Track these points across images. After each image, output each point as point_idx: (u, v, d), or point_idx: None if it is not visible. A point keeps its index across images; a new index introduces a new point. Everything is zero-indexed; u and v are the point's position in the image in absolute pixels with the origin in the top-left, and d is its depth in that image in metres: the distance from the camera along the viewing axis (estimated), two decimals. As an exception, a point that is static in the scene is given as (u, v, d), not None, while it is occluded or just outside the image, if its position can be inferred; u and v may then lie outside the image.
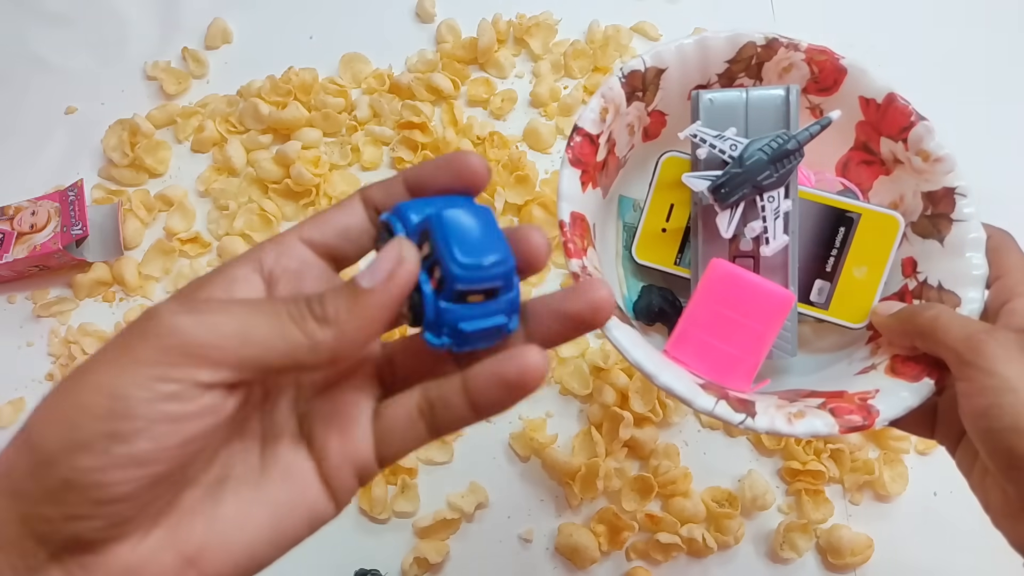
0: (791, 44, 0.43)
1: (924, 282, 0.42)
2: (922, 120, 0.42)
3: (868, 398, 0.37)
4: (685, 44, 0.42)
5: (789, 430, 0.36)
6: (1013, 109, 0.76)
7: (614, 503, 0.61)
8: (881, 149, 0.44)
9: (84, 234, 0.69)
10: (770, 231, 0.40)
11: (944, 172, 0.42)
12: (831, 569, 0.59)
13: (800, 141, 0.39)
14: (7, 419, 0.66)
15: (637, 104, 0.43)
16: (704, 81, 0.44)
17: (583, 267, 0.37)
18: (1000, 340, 0.33)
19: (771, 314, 0.39)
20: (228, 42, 0.82)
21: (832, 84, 0.44)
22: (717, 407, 0.36)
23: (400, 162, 0.74)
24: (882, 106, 0.43)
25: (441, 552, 0.60)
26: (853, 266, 0.43)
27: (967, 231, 0.40)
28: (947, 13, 0.81)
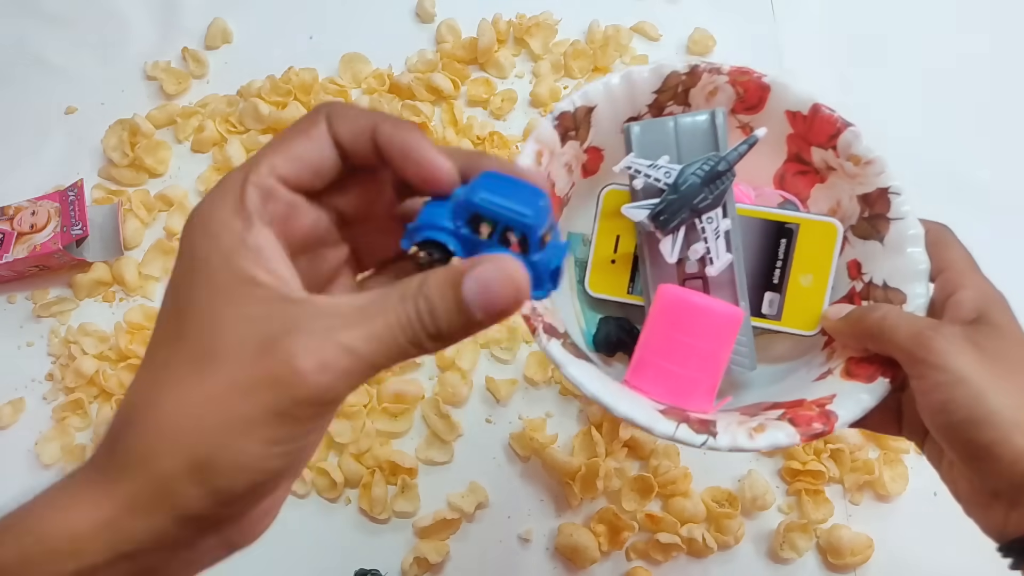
0: (713, 69, 0.43)
1: (870, 282, 0.42)
2: (849, 126, 0.43)
3: (826, 403, 0.38)
4: (611, 81, 0.43)
5: (752, 445, 0.36)
6: (1014, 106, 0.76)
7: (614, 503, 0.61)
8: (813, 158, 0.45)
9: (84, 234, 0.69)
10: (713, 251, 0.41)
11: (876, 174, 0.42)
12: (831, 569, 0.59)
13: (730, 161, 0.41)
14: (7, 419, 0.66)
15: (572, 143, 0.44)
16: (635, 113, 0.45)
17: (532, 307, 0.38)
18: (946, 335, 0.34)
19: (723, 333, 0.39)
20: (228, 42, 0.82)
21: (757, 102, 0.44)
22: (678, 431, 0.36)
23: (400, 162, 0.73)
24: (808, 117, 0.43)
25: (441, 552, 0.60)
26: (799, 275, 0.44)
27: (905, 228, 0.41)
28: (947, 13, 0.81)
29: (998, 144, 0.74)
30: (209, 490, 0.22)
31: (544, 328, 0.37)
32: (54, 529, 0.21)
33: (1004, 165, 0.74)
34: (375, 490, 0.61)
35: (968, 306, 0.36)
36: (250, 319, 0.22)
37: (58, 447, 0.65)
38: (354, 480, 0.62)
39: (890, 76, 0.78)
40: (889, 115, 0.76)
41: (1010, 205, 0.72)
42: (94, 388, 0.66)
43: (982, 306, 0.36)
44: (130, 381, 0.23)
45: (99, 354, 0.67)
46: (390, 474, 0.62)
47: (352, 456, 0.63)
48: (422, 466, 0.63)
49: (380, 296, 0.23)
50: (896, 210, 0.41)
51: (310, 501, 0.63)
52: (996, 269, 0.68)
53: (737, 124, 0.45)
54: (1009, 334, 0.35)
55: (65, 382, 0.67)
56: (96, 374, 0.65)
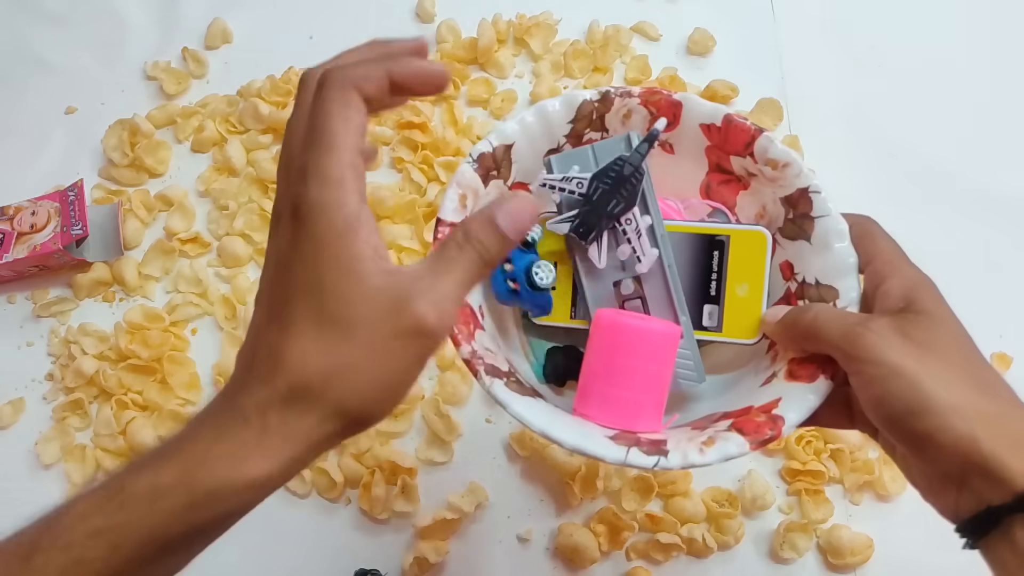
0: (624, 92, 0.44)
1: (803, 282, 0.43)
2: (762, 132, 0.43)
3: (773, 408, 0.38)
4: (525, 118, 0.44)
5: (703, 460, 0.37)
6: (1013, 107, 0.76)
7: (614, 503, 0.61)
8: (733, 167, 0.45)
9: (84, 234, 0.69)
10: (638, 250, 0.42)
11: (794, 175, 0.43)
12: (831, 569, 0.59)
13: (634, 163, 0.41)
14: (7, 419, 0.66)
15: (495, 182, 0.44)
16: (554, 145, 0.45)
17: (473, 351, 0.39)
18: (876, 328, 0.34)
19: (663, 351, 0.40)
20: (228, 42, 0.82)
21: (673, 119, 0.45)
22: (629, 456, 0.36)
23: (400, 162, 0.74)
24: (722, 128, 0.44)
25: (441, 552, 0.60)
26: (735, 285, 0.44)
27: (830, 225, 0.41)
28: (947, 12, 0.81)
29: (998, 144, 0.74)
30: (386, 410, 0.30)
31: (486, 370, 0.38)
32: (238, 477, 0.28)
33: (1004, 165, 0.73)
34: (375, 490, 0.61)
35: (896, 295, 0.36)
36: (375, 292, 0.29)
37: (58, 447, 0.65)
38: (354, 480, 0.62)
39: (890, 76, 0.78)
40: (889, 115, 0.76)
41: (1010, 205, 0.72)
42: (94, 388, 0.66)
43: (909, 293, 0.36)
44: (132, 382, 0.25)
45: (99, 354, 0.67)
46: (390, 474, 0.62)
47: (352, 456, 0.63)
48: (422, 466, 0.63)
49: (439, 255, 0.30)
50: (818, 208, 0.42)
51: (310, 501, 0.63)
52: (996, 268, 0.69)
53: (658, 142, 0.46)
54: (938, 319, 0.35)
55: (65, 382, 0.67)
56: (96, 374, 0.65)
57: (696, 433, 0.39)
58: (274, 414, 0.28)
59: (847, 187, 0.72)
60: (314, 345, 0.28)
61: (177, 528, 0.27)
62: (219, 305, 0.69)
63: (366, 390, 0.29)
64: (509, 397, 0.38)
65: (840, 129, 0.75)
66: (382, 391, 0.29)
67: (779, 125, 0.75)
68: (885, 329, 0.34)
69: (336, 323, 0.28)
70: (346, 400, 0.29)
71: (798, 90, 0.77)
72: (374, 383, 0.29)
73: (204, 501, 0.27)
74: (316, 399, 0.28)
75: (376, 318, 0.28)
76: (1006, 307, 0.68)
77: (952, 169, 0.73)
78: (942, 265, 0.68)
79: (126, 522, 0.27)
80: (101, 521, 0.27)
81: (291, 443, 0.28)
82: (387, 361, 0.29)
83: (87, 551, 0.27)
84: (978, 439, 0.31)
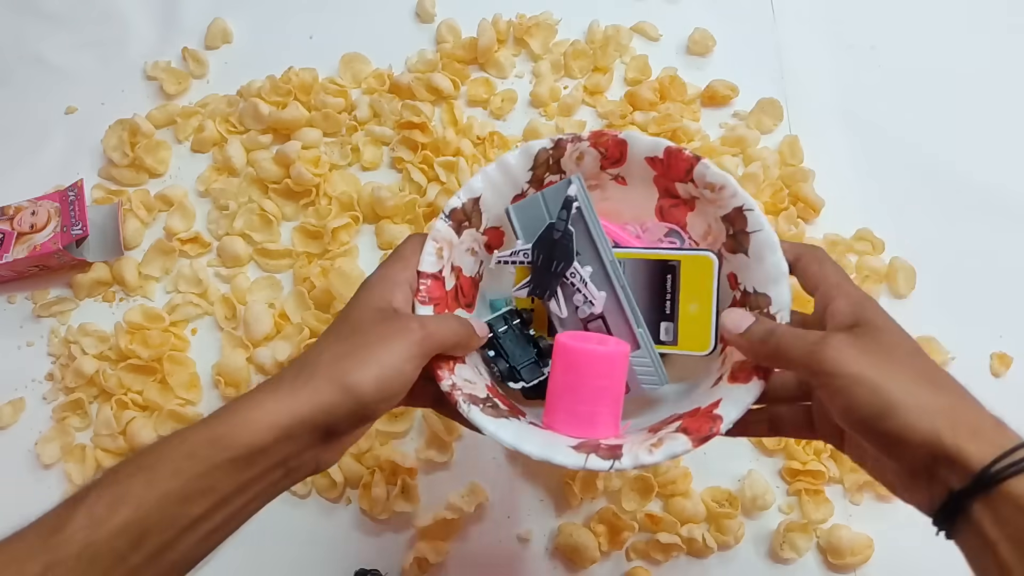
0: (575, 138, 0.49)
1: (744, 290, 0.47)
2: (700, 160, 0.47)
3: (714, 408, 0.43)
4: (488, 171, 0.49)
5: (652, 460, 0.41)
6: (1013, 107, 0.76)
7: (614, 503, 0.61)
8: (679, 191, 0.50)
9: (84, 234, 0.69)
10: (588, 295, 0.48)
11: (730, 196, 0.47)
12: (831, 569, 0.59)
13: (560, 228, 0.48)
14: (7, 419, 0.66)
15: (469, 231, 0.49)
16: (519, 191, 0.50)
17: (453, 384, 0.44)
18: (833, 344, 0.37)
19: (614, 369, 0.45)
20: (228, 42, 0.82)
21: (620, 156, 0.49)
22: (588, 461, 0.41)
23: (400, 162, 0.74)
24: (664, 159, 0.48)
25: (441, 552, 0.60)
26: (687, 304, 0.49)
27: (763, 239, 0.45)
28: (947, 12, 0.81)
29: (998, 144, 0.74)
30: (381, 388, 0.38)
31: (464, 399, 0.43)
32: (269, 416, 0.36)
33: (1004, 165, 0.74)
34: (375, 490, 0.61)
35: (844, 311, 0.39)
36: (375, 311, 0.42)
37: (58, 447, 0.65)
38: (354, 480, 0.62)
39: (890, 76, 0.78)
40: (889, 115, 0.76)
41: (1010, 205, 0.72)
42: (94, 388, 0.67)
43: (856, 311, 0.39)
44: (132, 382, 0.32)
45: (99, 354, 0.67)
46: (390, 474, 0.62)
47: (352, 456, 0.63)
48: (422, 466, 0.63)
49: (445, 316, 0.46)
50: (752, 224, 0.46)
51: (310, 501, 0.63)
52: (996, 268, 0.69)
53: (609, 177, 0.51)
54: (886, 329, 0.38)
55: (65, 382, 0.67)
56: (96, 374, 0.65)
57: (650, 436, 0.43)
58: (288, 379, 0.38)
59: (847, 186, 0.72)
60: (329, 344, 0.40)
61: (207, 465, 0.35)
62: (219, 305, 0.69)
63: (363, 367, 0.38)
64: (484, 420, 0.43)
65: (840, 129, 0.75)
66: (386, 368, 0.39)
67: (779, 125, 0.75)
68: (842, 344, 0.37)
69: (346, 330, 0.41)
70: (347, 374, 0.38)
71: (798, 90, 0.77)
72: (369, 363, 0.38)
73: (224, 440, 0.35)
74: (324, 372, 0.38)
75: (373, 323, 0.41)
76: (1006, 307, 0.68)
77: (952, 168, 0.73)
78: (942, 264, 0.69)
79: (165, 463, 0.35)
80: None
81: (297, 400, 0.37)
82: (387, 349, 0.39)
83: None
84: (940, 431, 0.33)
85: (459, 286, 0.50)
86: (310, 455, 0.38)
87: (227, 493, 0.35)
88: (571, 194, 0.48)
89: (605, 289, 0.49)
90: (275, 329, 0.68)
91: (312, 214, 0.72)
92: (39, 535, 0.33)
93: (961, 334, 0.65)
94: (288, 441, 0.36)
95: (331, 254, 0.69)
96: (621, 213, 0.52)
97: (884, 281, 0.68)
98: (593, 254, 0.49)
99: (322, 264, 0.69)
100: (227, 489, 0.35)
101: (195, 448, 0.35)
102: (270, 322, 0.67)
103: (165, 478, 0.34)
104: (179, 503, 0.34)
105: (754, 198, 0.69)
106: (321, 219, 0.71)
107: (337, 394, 0.37)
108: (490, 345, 0.49)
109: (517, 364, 0.49)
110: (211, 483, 0.35)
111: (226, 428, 0.36)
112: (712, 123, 0.75)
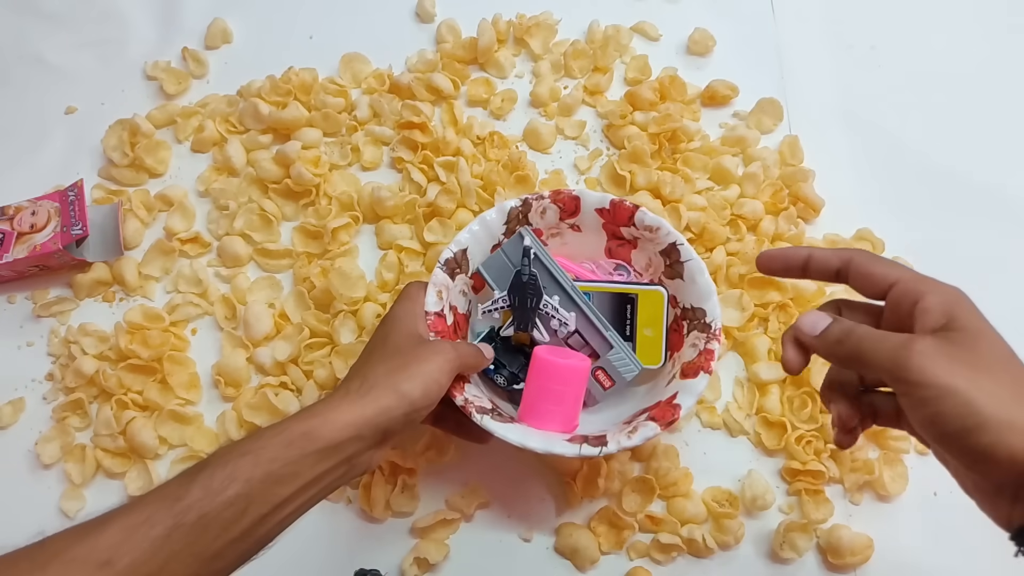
0: (538, 196, 0.61)
1: (684, 307, 0.60)
2: (638, 208, 0.60)
3: (673, 399, 0.55)
4: (473, 227, 0.60)
5: (631, 443, 0.52)
6: (1013, 107, 0.76)
7: (615, 503, 0.61)
8: (624, 234, 0.62)
9: (84, 234, 0.69)
10: (561, 318, 0.60)
11: (664, 235, 0.60)
12: (831, 569, 0.59)
13: (525, 273, 0.60)
14: (7, 419, 0.66)
15: (460, 276, 0.61)
16: (496, 240, 0.62)
17: (466, 399, 0.53)
18: (921, 350, 0.34)
19: (577, 378, 0.57)
20: (228, 42, 0.82)
21: (575, 208, 0.62)
22: (582, 449, 0.52)
23: (400, 162, 0.74)
24: (610, 209, 0.61)
25: (441, 552, 0.60)
26: (643, 328, 0.61)
27: (693, 266, 0.59)
28: (947, 12, 0.81)
29: (998, 144, 0.74)
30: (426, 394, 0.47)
31: (477, 410, 0.53)
32: (347, 415, 0.44)
33: (1004, 165, 0.74)
34: (375, 490, 0.61)
35: (936, 311, 0.37)
36: (410, 335, 0.52)
37: (58, 447, 0.65)
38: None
39: (890, 76, 0.78)
40: (889, 115, 0.76)
41: (1010, 206, 0.72)
42: (94, 388, 0.66)
43: (949, 309, 0.36)
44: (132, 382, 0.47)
45: (99, 354, 0.67)
46: (390, 474, 0.62)
47: (352, 456, 0.63)
48: (422, 466, 0.63)
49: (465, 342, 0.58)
50: (684, 255, 0.59)
51: (310, 501, 0.63)
52: (996, 268, 0.69)
53: (567, 226, 0.63)
54: (980, 334, 0.36)
55: (65, 382, 0.67)
56: (96, 374, 0.65)
57: (626, 427, 0.55)
58: (355, 392, 0.46)
59: (847, 186, 0.72)
60: (380, 362, 0.49)
61: (292, 458, 0.42)
62: (219, 305, 0.69)
63: (412, 379, 0.47)
64: (494, 425, 0.53)
65: (840, 129, 0.75)
66: (428, 379, 0.48)
67: (779, 125, 0.75)
68: (930, 349, 0.34)
69: (391, 351, 0.50)
70: (400, 384, 0.47)
71: (798, 90, 0.77)
72: (416, 376, 0.47)
73: (313, 434, 0.43)
74: (381, 386, 0.46)
75: (413, 347, 0.50)
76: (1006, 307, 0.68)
77: (952, 168, 0.73)
78: (942, 264, 0.68)
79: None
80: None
81: (365, 405, 0.45)
82: (428, 366, 0.48)
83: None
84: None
85: (456, 321, 0.60)
86: (368, 455, 0.46)
87: (309, 480, 0.42)
88: (527, 244, 0.59)
89: (573, 310, 0.60)
90: (275, 329, 0.68)
91: (312, 214, 0.72)
92: (164, 501, 0.38)
93: (961, 334, 0.65)
94: (358, 440, 0.44)
95: (331, 254, 0.69)
96: (578, 255, 0.65)
97: (884, 281, 0.68)
98: (556, 285, 0.60)
99: (322, 264, 0.69)
100: (309, 476, 0.42)
101: (292, 439, 0.42)
102: (270, 322, 0.67)
103: (267, 461, 0.41)
104: (276, 483, 0.41)
105: (754, 198, 0.70)
106: (321, 219, 0.71)
107: (393, 399, 0.46)
108: None
109: (514, 370, 0.61)
110: (298, 469, 0.42)
111: (314, 423, 0.43)
112: (712, 123, 0.75)
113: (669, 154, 0.72)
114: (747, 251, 0.67)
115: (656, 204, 0.69)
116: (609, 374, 0.60)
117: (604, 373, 0.60)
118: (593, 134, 0.76)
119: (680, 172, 0.71)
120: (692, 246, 0.58)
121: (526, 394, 0.58)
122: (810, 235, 0.70)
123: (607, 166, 0.73)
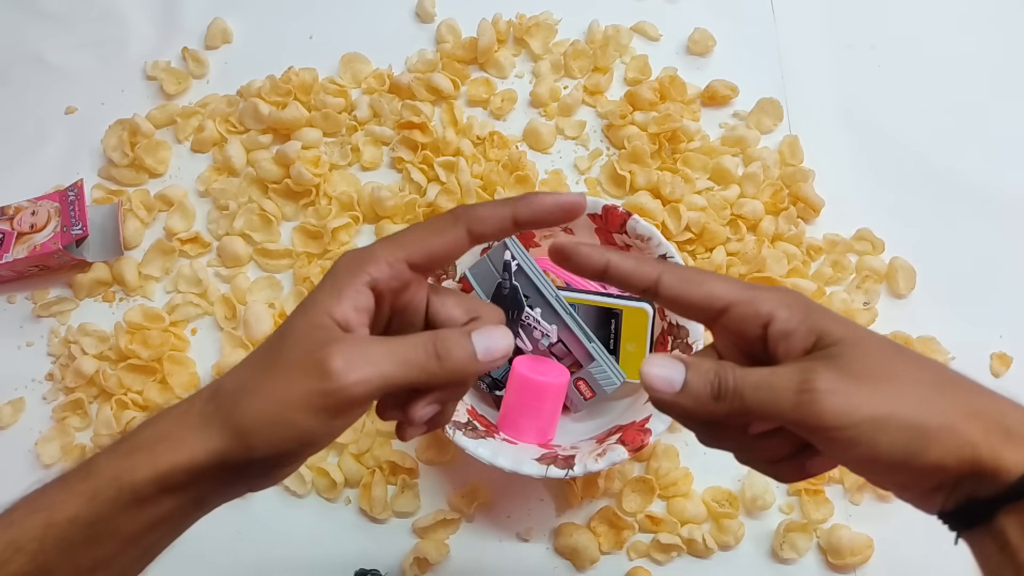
0: None
1: (670, 322, 0.60)
2: (631, 215, 0.59)
3: (646, 423, 0.55)
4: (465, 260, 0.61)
5: (597, 467, 0.53)
6: (1013, 107, 0.76)
7: (615, 503, 0.61)
8: (616, 240, 0.62)
9: (84, 234, 0.69)
10: (543, 331, 0.59)
11: (656, 245, 0.59)
12: (831, 569, 0.59)
13: (507, 285, 0.59)
14: (7, 419, 0.66)
15: (448, 281, 0.60)
16: (485, 245, 0.60)
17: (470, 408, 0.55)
18: (825, 389, 0.29)
19: (553, 396, 0.57)
20: (228, 42, 0.82)
21: None
22: (548, 471, 0.53)
23: (400, 162, 0.74)
24: (602, 215, 0.60)
25: (441, 552, 0.60)
26: (626, 344, 0.61)
27: None
28: (947, 12, 0.81)
29: (998, 144, 0.74)
30: (270, 441, 0.31)
31: (450, 425, 0.53)
32: (172, 455, 0.31)
33: (1004, 165, 0.73)
34: (375, 490, 0.61)
35: (798, 332, 0.31)
36: (302, 338, 0.32)
37: (58, 447, 0.65)
38: (354, 480, 0.62)
39: (890, 76, 0.78)
40: (889, 115, 0.76)
41: (1010, 205, 0.72)
42: (94, 388, 0.66)
43: (809, 325, 0.31)
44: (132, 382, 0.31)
45: (99, 354, 0.67)
46: (390, 474, 0.62)
47: (352, 456, 0.63)
48: (422, 466, 0.63)
49: (408, 336, 0.33)
50: None
51: (309, 501, 0.63)
52: (997, 268, 0.69)
53: (560, 229, 0.63)
54: (859, 339, 0.31)
55: (65, 382, 0.67)
56: (96, 374, 0.65)
57: (596, 446, 0.55)
58: (196, 414, 0.32)
59: (847, 186, 0.72)
60: (241, 370, 0.33)
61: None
62: (219, 305, 0.69)
63: (259, 407, 0.31)
64: (465, 442, 0.54)
65: (840, 129, 0.75)
66: (272, 414, 0.31)
67: (779, 125, 0.75)
68: (833, 384, 0.29)
69: (264, 357, 0.33)
70: (242, 413, 0.31)
71: (798, 90, 0.77)
72: (268, 402, 0.31)
73: (110, 489, 0.31)
74: (225, 409, 0.31)
75: (291, 354, 0.32)
76: (1006, 307, 0.68)
77: (952, 168, 0.73)
78: (942, 264, 0.69)
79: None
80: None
81: (199, 440, 0.31)
82: (283, 387, 0.31)
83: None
84: (977, 446, 0.29)
85: None
86: (229, 489, 0.33)
87: (132, 533, 0.31)
88: (507, 258, 0.59)
89: (556, 322, 0.59)
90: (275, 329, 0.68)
91: (312, 214, 0.72)
92: None
93: (961, 334, 0.66)
94: (191, 486, 0.31)
95: (331, 254, 0.69)
96: None
97: (884, 281, 0.68)
98: (539, 297, 0.59)
99: (322, 264, 0.69)
100: (132, 529, 0.31)
101: (99, 486, 0.31)
102: (270, 322, 0.67)
103: (65, 521, 0.31)
104: (83, 546, 0.31)
105: (754, 198, 0.70)
106: (321, 219, 0.71)
107: (225, 439, 0.31)
108: None
109: (497, 376, 0.61)
110: (114, 526, 0.31)
111: (132, 464, 0.31)
112: (712, 123, 0.75)
113: (669, 154, 0.72)
114: (747, 251, 0.67)
115: (656, 204, 0.69)
116: (591, 385, 0.59)
117: (586, 384, 0.59)
118: (593, 134, 0.76)
119: (680, 172, 0.71)
120: (692, 246, 0.58)
121: (504, 405, 0.58)
122: (810, 235, 0.70)
123: (607, 166, 0.73)
